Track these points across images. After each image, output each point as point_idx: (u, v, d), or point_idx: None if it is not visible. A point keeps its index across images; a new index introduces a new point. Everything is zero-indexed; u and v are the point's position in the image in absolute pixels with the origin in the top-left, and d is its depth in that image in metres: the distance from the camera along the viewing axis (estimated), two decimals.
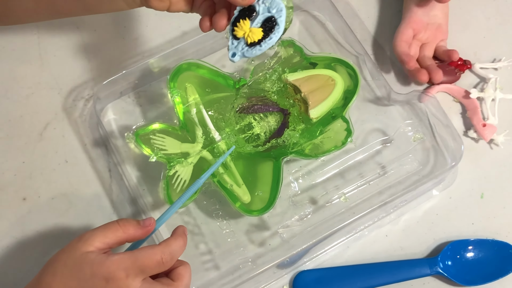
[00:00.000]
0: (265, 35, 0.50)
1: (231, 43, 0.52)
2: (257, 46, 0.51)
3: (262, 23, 0.51)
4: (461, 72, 0.71)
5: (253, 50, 0.51)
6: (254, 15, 0.51)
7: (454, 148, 0.65)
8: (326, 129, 0.64)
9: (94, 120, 0.68)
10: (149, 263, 0.47)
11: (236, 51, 0.51)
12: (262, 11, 0.51)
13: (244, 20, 0.51)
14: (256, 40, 0.51)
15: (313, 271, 0.63)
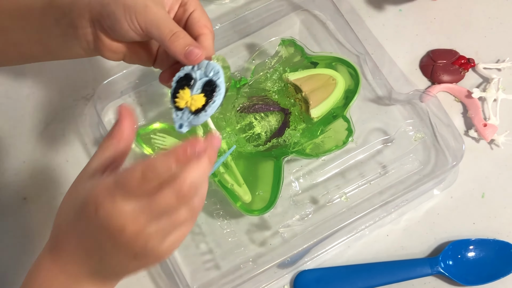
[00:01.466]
0: (208, 99, 0.49)
1: (175, 115, 0.50)
2: (202, 112, 0.49)
3: (202, 89, 0.49)
4: (465, 71, 0.71)
5: (199, 117, 0.49)
6: (192, 83, 0.50)
7: (455, 148, 0.65)
8: (327, 128, 0.64)
9: (95, 120, 0.68)
10: (131, 182, 0.38)
11: (182, 121, 0.50)
12: (199, 77, 0.50)
13: (183, 89, 0.50)
14: (199, 106, 0.49)
15: (314, 271, 0.63)
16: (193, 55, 0.48)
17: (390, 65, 0.70)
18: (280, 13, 0.74)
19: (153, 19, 0.48)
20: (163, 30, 0.48)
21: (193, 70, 0.50)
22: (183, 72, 0.50)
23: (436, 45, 0.73)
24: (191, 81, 0.50)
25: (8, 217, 0.65)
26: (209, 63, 0.50)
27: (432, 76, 0.71)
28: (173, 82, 0.51)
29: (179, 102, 0.50)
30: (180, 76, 0.50)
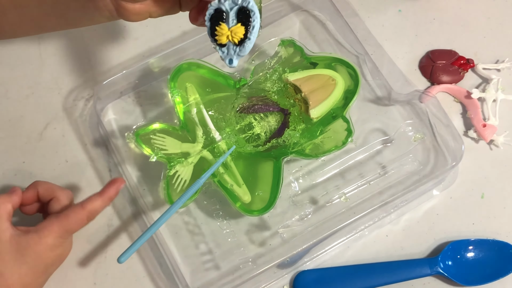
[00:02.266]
0: (247, 27, 0.49)
1: (221, 52, 0.50)
2: (246, 40, 0.49)
3: (237, 18, 0.49)
4: (465, 71, 0.71)
5: (245, 47, 0.49)
6: (225, 16, 0.49)
7: (454, 148, 0.65)
8: (326, 129, 0.64)
9: (94, 120, 0.68)
10: (79, 226, 0.56)
11: (230, 56, 0.50)
12: (229, 7, 0.49)
13: (219, 25, 0.49)
14: (241, 36, 0.49)
15: (314, 271, 0.63)
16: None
17: (390, 65, 0.70)
18: (280, 14, 0.74)
19: None
20: None
21: (221, 3, 0.49)
22: (212, 8, 0.49)
23: (436, 45, 0.74)
24: (223, 14, 0.49)
25: None
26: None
27: (431, 76, 0.71)
28: (206, 22, 0.50)
29: (221, 39, 0.50)
30: (211, 14, 0.50)
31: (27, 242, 0.54)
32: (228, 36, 0.50)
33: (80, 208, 0.56)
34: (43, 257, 0.54)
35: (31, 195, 0.59)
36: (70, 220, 0.56)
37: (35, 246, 0.54)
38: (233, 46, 0.50)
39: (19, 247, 0.54)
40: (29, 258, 0.53)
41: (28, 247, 0.54)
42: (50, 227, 0.55)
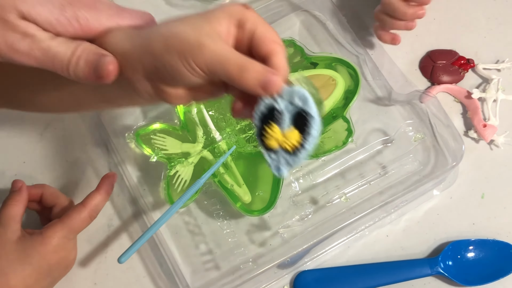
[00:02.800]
0: (303, 134, 0.42)
1: (269, 158, 0.43)
2: (300, 150, 0.42)
3: (293, 122, 0.42)
4: (465, 71, 0.71)
5: (298, 157, 0.42)
6: (279, 116, 0.42)
7: (454, 148, 0.65)
8: (326, 129, 0.64)
9: (95, 120, 0.68)
10: (83, 226, 0.58)
11: (279, 164, 0.43)
12: (285, 108, 0.42)
13: (270, 126, 0.42)
14: (296, 144, 0.42)
15: (314, 271, 0.63)
16: (271, 85, 0.41)
17: (390, 65, 0.70)
18: (280, 14, 0.74)
19: (213, 57, 0.41)
20: (228, 67, 0.41)
21: (276, 101, 0.42)
22: (264, 106, 0.42)
23: (436, 45, 0.74)
24: (276, 115, 0.42)
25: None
26: (293, 90, 0.42)
27: (431, 76, 0.71)
28: (255, 120, 0.43)
29: (270, 143, 0.43)
30: (262, 112, 0.42)
31: (32, 243, 0.55)
32: (279, 141, 0.43)
33: (81, 206, 0.58)
34: (46, 259, 0.55)
35: (35, 192, 0.61)
36: (72, 219, 0.57)
37: (39, 247, 0.54)
38: (284, 154, 0.43)
39: (25, 248, 0.54)
40: (33, 259, 0.54)
41: (32, 248, 0.54)
42: (54, 228, 0.56)
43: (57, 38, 0.42)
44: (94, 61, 0.42)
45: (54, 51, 0.42)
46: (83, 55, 0.42)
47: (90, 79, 0.43)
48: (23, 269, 0.54)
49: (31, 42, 0.41)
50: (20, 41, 0.41)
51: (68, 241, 0.56)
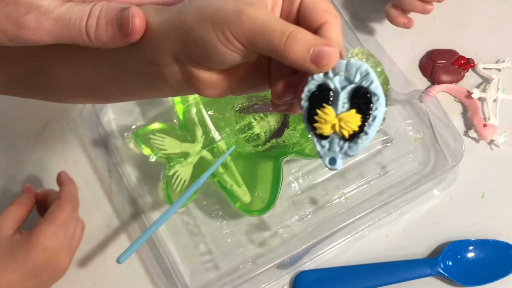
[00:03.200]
0: (364, 116, 0.35)
1: (320, 147, 0.36)
2: (361, 135, 0.36)
3: (351, 101, 0.35)
4: (465, 71, 0.71)
5: (357, 144, 0.36)
6: (333, 96, 0.35)
7: (455, 148, 0.65)
8: None
9: (94, 120, 0.68)
10: (65, 216, 0.56)
11: (333, 154, 0.36)
12: (341, 85, 0.35)
13: (323, 108, 0.35)
14: (355, 128, 0.35)
15: (314, 271, 0.63)
16: (324, 57, 0.35)
17: (390, 65, 0.70)
18: None
19: (255, 25, 0.35)
20: (271, 36, 0.34)
21: (328, 78, 0.35)
22: (315, 84, 0.36)
23: (436, 45, 0.73)
24: (329, 93, 0.35)
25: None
26: (349, 63, 0.35)
27: (431, 76, 0.71)
28: (303, 101, 0.36)
29: (322, 127, 0.36)
30: (312, 91, 0.36)
31: (19, 241, 0.54)
32: (334, 126, 0.35)
33: (58, 200, 0.57)
34: (32, 257, 0.53)
35: (41, 198, 0.61)
36: (54, 213, 0.56)
37: (25, 244, 0.54)
38: (339, 141, 0.36)
39: (13, 245, 0.54)
40: (19, 256, 0.53)
41: (19, 245, 0.54)
42: (40, 226, 0.55)
43: (67, 3, 0.37)
44: (116, 17, 0.37)
45: (67, 18, 0.36)
46: (102, 14, 0.37)
47: (116, 41, 0.37)
48: (8, 265, 0.53)
49: (38, 15, 0.36)
50: (25, 15, 0.36)
51: (56, 239, 0.55)
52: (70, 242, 0.58)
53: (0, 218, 0.56)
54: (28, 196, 0.60)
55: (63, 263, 0.56)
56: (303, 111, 0.36)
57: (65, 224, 0.56)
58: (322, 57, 0.35)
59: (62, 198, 0.58)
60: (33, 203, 0.60)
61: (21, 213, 0.57)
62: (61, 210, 0.56)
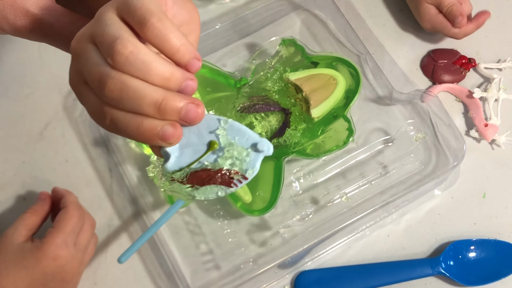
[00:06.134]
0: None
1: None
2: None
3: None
4: (466, 71, 0.71)
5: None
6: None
7: (456, 148, 0.65)
8: (327, 128, 0.64)
9: None
10: (73, 223, 0.56)
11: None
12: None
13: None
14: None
15: (315, 271, 0.63)
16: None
17: (391, 65, 0.70)
18: (281, 13, 0.74)
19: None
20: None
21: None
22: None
23: (437, 45, 0.73)
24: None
25: (8, 217, 0.65)
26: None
27: (433, 76, 0.71)
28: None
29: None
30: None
31: (30, 249, 0.54)
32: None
33: (63, 208, 0.57)
34: (42, 265, 0.54)
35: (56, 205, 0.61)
36: (62, 221, 0.56)
37: (36, 252, 0.54)
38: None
39: (23, 252, 0.54)
40: (29, 263, 0.53)
41: (30, 253, 0.54)
42: (50, 234, 0.55)
43: None
44: None
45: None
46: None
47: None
48: (17, 272, 0.53)
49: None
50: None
51: (67, 247, 0.55)
52: (82, 254, 0.57)
53: (13, 225, 0.56)
54: (43, 204, 0.59)
55: (72, 273, 0.56)
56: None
57: (74, 231, 0.57)
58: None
59: (68, 207, 0.58)
60: (48, 211, 0.60)
61: (35, 221, 0.57)
62: (69, 218, 0.57)
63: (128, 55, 0.35)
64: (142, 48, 0.35)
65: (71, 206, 0.58)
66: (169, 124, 0.37)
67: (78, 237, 0.57)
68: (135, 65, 0.35)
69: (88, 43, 0.37)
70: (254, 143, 0.41)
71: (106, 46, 0.36)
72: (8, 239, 0.55)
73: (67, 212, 0.57)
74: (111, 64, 0.36)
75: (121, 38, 0.35)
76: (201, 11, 0.74)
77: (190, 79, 0.37)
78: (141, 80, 0.36)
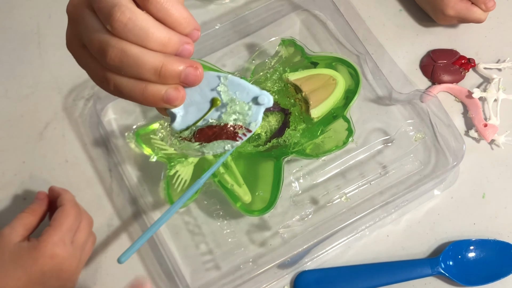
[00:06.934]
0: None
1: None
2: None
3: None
4: (466, 71, 0.71)
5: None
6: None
7: (455, 148, 0.65)
8: (327, 128, 0.64)
9: (95, 120, 0.68)
10: (70, 221, 0.56)
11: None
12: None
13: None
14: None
15: (314, 271, 0.63)
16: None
17: (391, 65, 0.70)
18: (280, 13, 0.74)
19: None
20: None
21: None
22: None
23: (437, 45, 0.73)
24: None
25: (7, 217, 0.65)
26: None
27: (432, 76, 0.71)
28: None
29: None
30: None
31: (28, 248, 0.54)
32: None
33: (60, 207, 0.57)
34: (39, 264, 0.53)
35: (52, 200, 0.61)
36: (59, 219, 0.56)
37: (33, 251, 0.54)
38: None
39: (20, 251, 0.54)
40: (26, 263, 0.53)
41: (27, 252, 0.54)
42: (47, 233, 0.55)
43: None
44: None
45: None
46: None
47: None
48: (15, 272, 0.53)
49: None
50: None
51: (64, 245, 0.55)
52: (79, 253, 0.57)
53: (10, 224, 0.56)
54: (41, 203, 0.59)
55: (69, 271, 0.56)
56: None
57: (71, 229, 0.56)
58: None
59: (65, 205, 0.58)
60: (45, 211, 0.60)
61: (33, 221, 0.57)
62: (65, 216, 0.56)
63: (127, 22, 0.35)
64: (140, 15, 0.36)
65: (68, 204, 0.58)
66: (172, 88, 0.38)
67: (76, 235, 0.57)
68: (133, 31, 0.36)
69: (85, 8, 0.38)
70: (254, 96, 0.42)
71: (104, 12, 0.36)
72: (5, 238, 0.55)
73: (63, 210, 0.57)
74: (110, 31, 0.36)
75: (119, 5, 0.36)
76: (201, 11, 0.74)
77: (186, 43, 0.37)
78: (140, 46, 0.36)
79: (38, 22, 0.74)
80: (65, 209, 0.57)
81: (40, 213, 0.59)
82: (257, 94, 0.42)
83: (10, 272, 0.53)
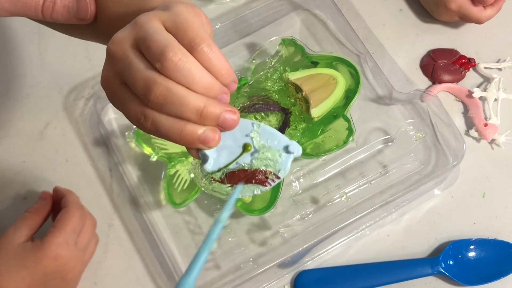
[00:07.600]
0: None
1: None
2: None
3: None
4: (466, 70, 0.71)
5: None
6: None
7: (456, 148, 0.65)
8: (327, 128, 0.64)
9: (95, 119, 0.68)
10: (74, 223, 0.56)
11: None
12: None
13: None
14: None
15: (315, 271, 0.63)
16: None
17: (391, 64, 0.70)
18: (281, 13, 0.74)
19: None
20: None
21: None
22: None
23: (437, 44, 0.73)
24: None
25: (8, 217, 0.65)
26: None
27: (432, 75, 0.71)
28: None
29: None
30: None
31: (31, 248, 0.54)
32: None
33: (65, 208, 0.58)
34: (43, 265, 0.54)
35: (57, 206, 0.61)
36: (63, 220, 0.56)
37: (37, 252, 0.54)
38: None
39: (24, 252, 0.54)
40: (29, 263, 0.53)
41: (30, 253, 0.54)
42: (51, 234, 0.55)
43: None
44: (70, 3, 0.44)
45: (23, 1, 0.43)
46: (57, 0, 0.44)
47: (69, 21, 0.45)
48: (18, 272, 0.53)
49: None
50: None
51: (68, 247, 0.55)
52: (83, 254, 0.58)
53: (14, 225, 0.56)
54: (44, 203, 0.60)
55: (73, 273, 0.56)
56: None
57: (74, 231, 0.57)
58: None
59: (69, 206, 0.58)
60: (49, 211, 0.60)
61: (36, 220, 0.57)
62: (70, 218, 0.57)
63: (177, 62, 0.37)
64: (190, 58, 0.38)
65: (72, 205, 0.58)
66: (209, 129, 0.39)
67: (79, 237, 0.57)
68: (182, 72, 0.37)
69: (130, 47, 0.39)
70: (285, 145, 0.44)
71: (155, 51, 0.37)
72: (9, 238, 0.55)
73: (68, 211, 0.57)
74: (159, 69, 0.37)
75: (172, 46, 0.37)
76: None
77: (225, 93, 0.40)
78: (185, 87, 0.38)
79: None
80: (69, 211, 0.57)
81: (44, 213, 0.59)
82: (287, 143, 0.44)
83: (14, 273, 0.53)
